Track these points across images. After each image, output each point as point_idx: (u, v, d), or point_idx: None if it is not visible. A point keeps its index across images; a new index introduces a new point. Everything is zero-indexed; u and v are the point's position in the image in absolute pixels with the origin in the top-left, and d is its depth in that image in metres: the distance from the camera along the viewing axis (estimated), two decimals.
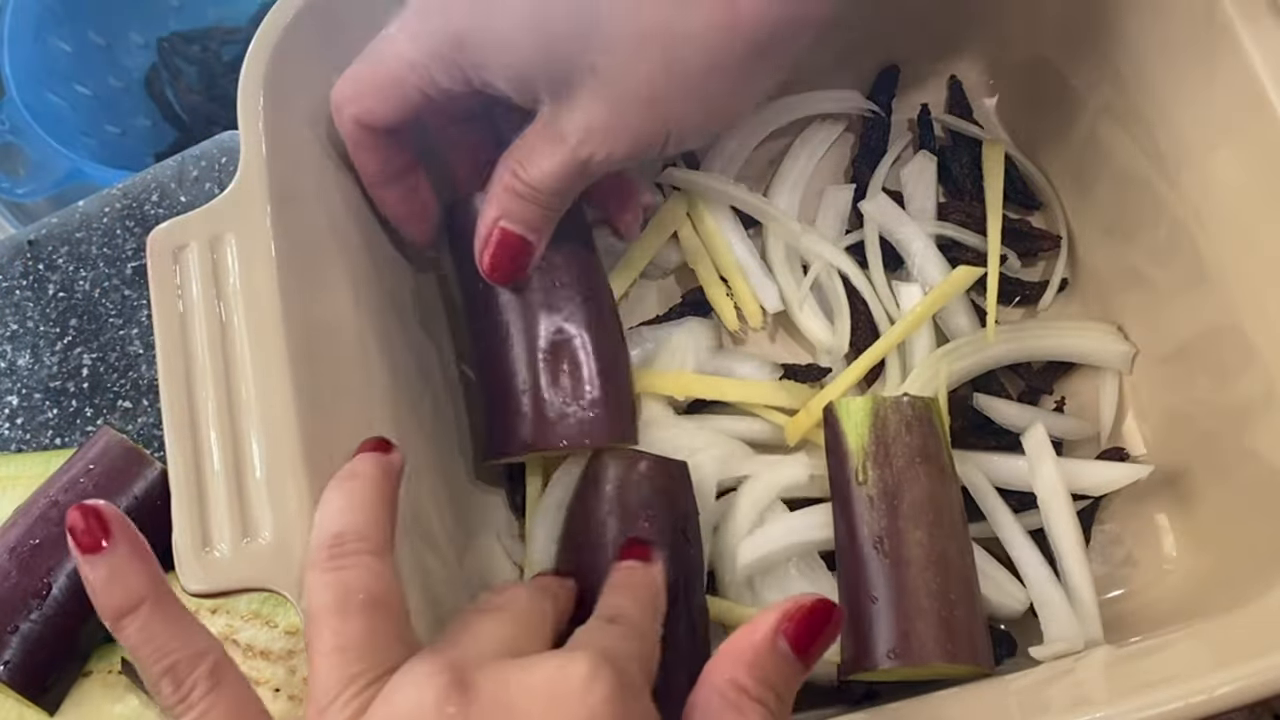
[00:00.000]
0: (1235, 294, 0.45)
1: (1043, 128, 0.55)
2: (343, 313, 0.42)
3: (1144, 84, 0.47)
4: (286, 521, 0.37)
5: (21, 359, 0.54)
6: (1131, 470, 0.48)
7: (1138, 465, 0.49)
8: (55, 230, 0.56)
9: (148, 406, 0.53)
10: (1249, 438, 0.45)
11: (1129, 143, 0.49)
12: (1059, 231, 0.54)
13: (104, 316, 0.54)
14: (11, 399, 0.53)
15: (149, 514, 0.44)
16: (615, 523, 0.43)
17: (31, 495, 0.47)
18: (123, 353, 0.54)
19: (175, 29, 0.88)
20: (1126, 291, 0.52)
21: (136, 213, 0.56)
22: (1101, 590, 0.47)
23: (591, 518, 0.44)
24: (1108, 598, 0.48)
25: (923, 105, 0.57)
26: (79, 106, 0.81)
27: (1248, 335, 0.44)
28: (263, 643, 0.45)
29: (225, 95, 0.88)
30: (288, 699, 0.44)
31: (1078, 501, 0.47)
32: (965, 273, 0.50)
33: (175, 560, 0.37)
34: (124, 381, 0.53)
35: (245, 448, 0.38)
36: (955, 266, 0.51)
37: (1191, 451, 0.48)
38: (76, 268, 0.55)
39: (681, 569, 0.43)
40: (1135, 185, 0.49)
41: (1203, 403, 0.48)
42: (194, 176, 0.56)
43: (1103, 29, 0.49)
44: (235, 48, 0.89)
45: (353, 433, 0.39)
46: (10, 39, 0.75)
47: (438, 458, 0.47)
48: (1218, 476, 0.47)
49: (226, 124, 0.51)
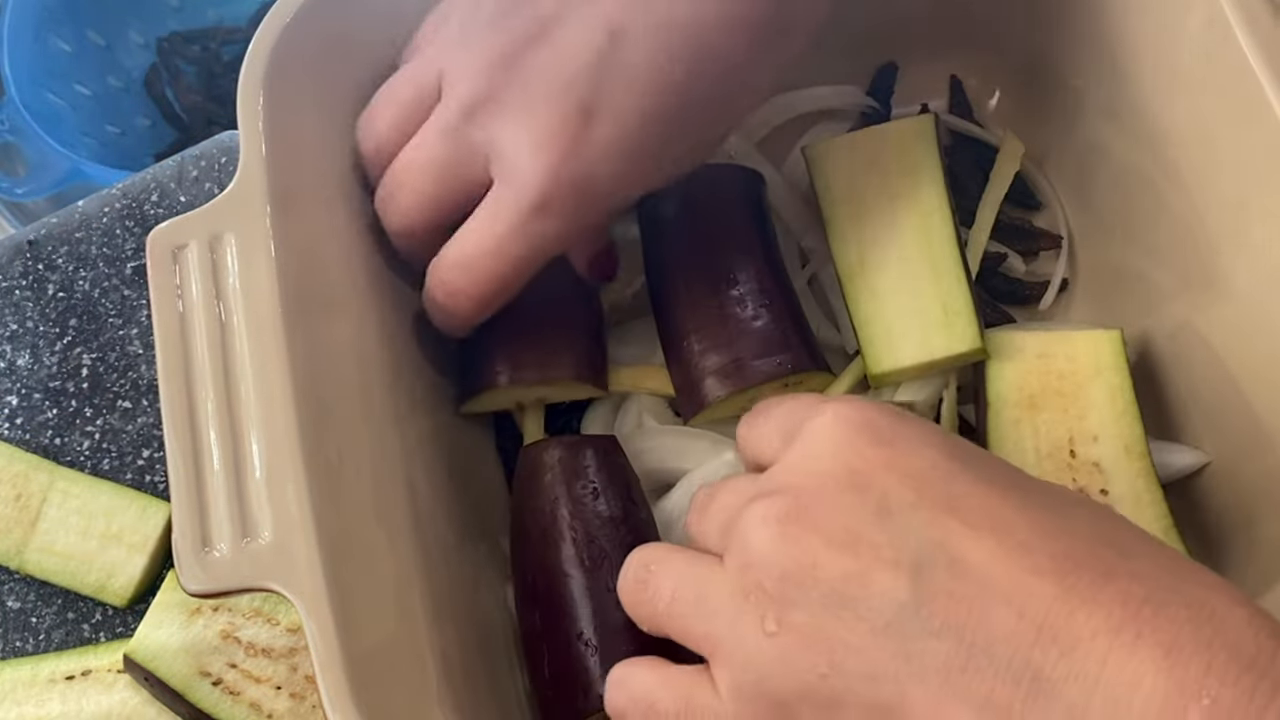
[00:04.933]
0: (1236, 294, 0.45)
1: (1043, 128, 0.55)
2: (343, 312, 0.42)
3: (1144, 84, 0.47)
4: (286, 521, 0.36)
5: (21, 359, 0.54)
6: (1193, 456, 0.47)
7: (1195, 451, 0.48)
8: (55, 230, 0.56)
9: (148, 406, 0.53)
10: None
11: (1129, 143, 0.49)
12: (1059, 231, 0.54)
13: (104, 316, 0.54)
14: (11, 399, 0.53)
15: None
16: (566, 512, 0.43)
17: None
18: (122, 353, 0.54)
19: (175, 29, 0.88)
20: (1126, 291, 0.52)
21: (136, 213, 0.56)
22: None
23: (541, 512, 0.44)
24: None
25: (923, 105, 0.57)
26: (79, 106, 0.81)
27: (1249, 335, 0.44)
28: (264, 640, 0.45)
29: (225, 95, 0.88)
30: (289, 696, 0.44)
31: None
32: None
33: (175, 560, 0.37)
34: (124, 381, 0.53)
35: (245, 448, 0.38)
36: None
37: None
38: (76, 268, 0.55)
39: (636, 533, 0.43)
40: (1135, 185, 0.49)
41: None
42: (194, 176, 0.56)
43: (1103, 28, 0.49)
44: (235, 48, 0.89)
45: (353, 433, 0.39)
46: (10, 39, 0.76)
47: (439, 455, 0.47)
48: (1218, 476, 0.47)
49: (226, 124, 0.51)
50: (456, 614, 0.42)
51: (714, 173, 0.50)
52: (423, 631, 0.40)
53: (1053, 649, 0.26)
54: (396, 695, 0.37)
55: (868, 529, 0.29)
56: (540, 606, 0.42)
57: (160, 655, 0.45)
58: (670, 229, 0.48)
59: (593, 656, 0.40)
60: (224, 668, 0.45)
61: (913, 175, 0.49)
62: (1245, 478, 0.45)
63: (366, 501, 0.40)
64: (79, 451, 0.52)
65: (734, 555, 0.31)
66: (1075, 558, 0.28)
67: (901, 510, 0.29)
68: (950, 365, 0.47)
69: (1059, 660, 0.26)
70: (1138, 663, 0.26)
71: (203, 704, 0.44)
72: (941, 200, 0.48)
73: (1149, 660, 0.26)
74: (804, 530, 0.30)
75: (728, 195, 0.49)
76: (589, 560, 0.42)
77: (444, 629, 0.40)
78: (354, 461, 0.40)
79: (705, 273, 0.47)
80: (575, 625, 0.41)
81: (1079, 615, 0.27)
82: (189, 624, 0.45)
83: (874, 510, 0.29)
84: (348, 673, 0.35)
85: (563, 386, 0.47)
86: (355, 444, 0.40)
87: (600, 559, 0.43)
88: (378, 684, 0.36)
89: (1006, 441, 0.45)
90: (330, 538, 0.37)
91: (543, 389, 0.47)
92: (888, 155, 0.49)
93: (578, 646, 0.41)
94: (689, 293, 0.47)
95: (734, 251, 0.47)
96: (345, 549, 0.37)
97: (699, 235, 0.47)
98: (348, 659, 0.35)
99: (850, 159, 0.49)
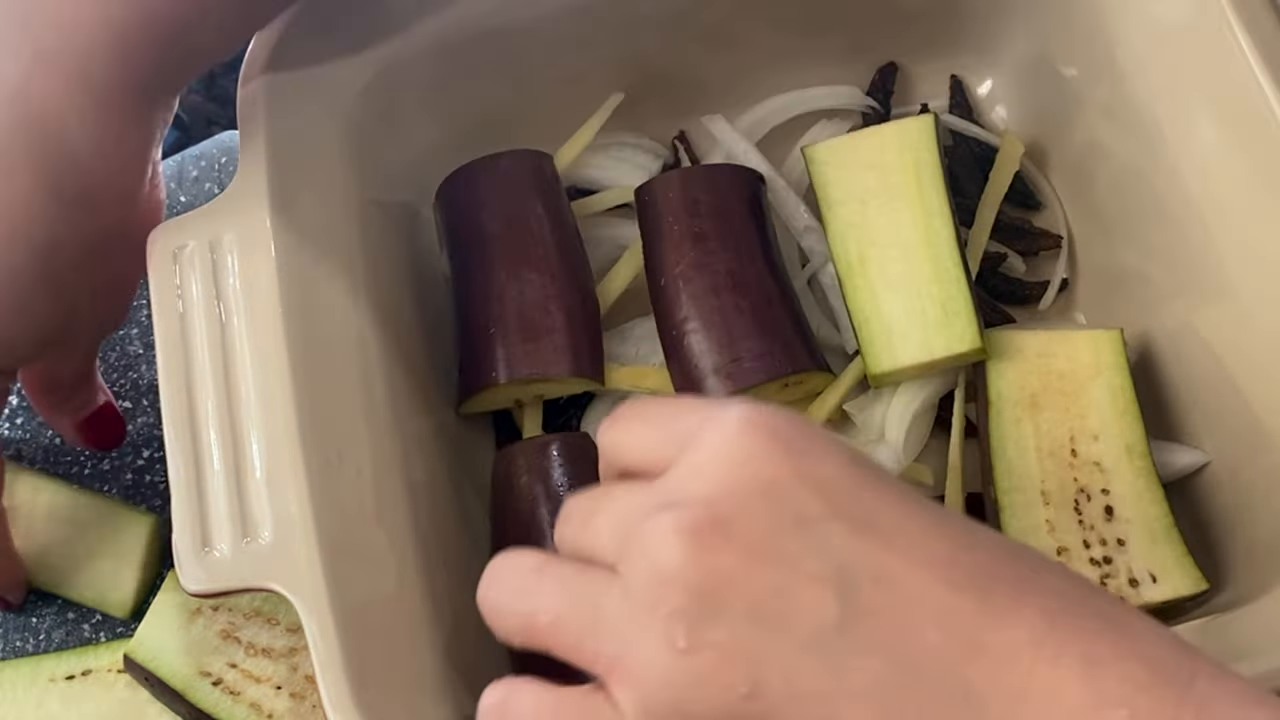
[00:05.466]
0: (1236, 294, 0.45)
1: (1043, 128, 0.55)
2: (343, 312, 0.42)
3: (1144, 83, 0.47)
4: (286, 521, 0.37)
5: None
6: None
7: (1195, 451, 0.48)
8: None
9: (148, 406, 0.53)
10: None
11: (1129, 142, 0.49)
12: (1059, 231, 0.54)
13: None
14: (11, 399, 0.53)
15: None
16: (545, 511, 0.44)
17: None
18: (122, 353, 0.54)
19: None
20: (1126, 291, 0.52)
21: None
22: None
23: (520, 513, 0.44)
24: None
25: (923, 105, 0.57)
26: None
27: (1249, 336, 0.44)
28: (264, 640, 0.45)
29: (225, 95, 0.88)
30: (290, 696, 0.44)
31: None
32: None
33: (175, 560, 0.37)
34: (124, 381, 0.53)
35: (245, 448, 0.38)
36: None
37: None
38: None
39: None
40: (1135, 185, 0.49)
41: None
42: (194, 176, 0.56)
43: (1102, 28, 0.49)
44: None
45: (353, 433, 0.39)
46: None
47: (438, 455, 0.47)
48: (1218, 476, 0.47)
49: (226, 124, 0.51)
50: (456, 614, 0.42)
51: (714, 173, 0.50)
52: (422, 631, 0.40)
53: (982, 664, 0.26)
54: (396, 695, 0.37)
55: (786, 541, 0.28)
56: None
57: (160, 655, 0.45)
58: (670, 228, 0.48)
59: None
60: (224, 668, 0.45)
61: (913, 175, 0.49)
62: (1245, 478, 0.45)
63: (366, 501, 0.40)
64: (79, 451, 0.52)
65: (636, 568, 0.29)
66: (990, 572, 0.28)
67: (818, 521, 0.28)
68: (950, 365, 0.47)
69: (988, 675, 0.26)
70: (1060, 674, 0.26)
71: (203, 704, 0.44)
72: (941, 200, 0.48)
73: (1070, 671, 0.26)
74: (721, 541, 0.28)
75: (728, 195, 0.49)
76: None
77: (444, 628, 0.40)
78: (354, 461, 0.40)
79: (705, 273, 0.47)
80: None
81: (1003, 630, 0.27)
82: (189, 624, 0.45)
83: (791, 521, 0.28)
84: (348, 673, 0.35)
85: (560, 382, 0.47)
86: (355, 444, 0.40)
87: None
88: (378, 684, 0.36)
89: (1008, 440, 0.45)
90: (330, 538, 0.37)
91: (540, 385, 0.47)
92: (888, 155, 0.49)
93: None
94: (689, 292, 0.47)
95: (734, 251, 0.47)
96: (345, 549, 0.37)
97: (699, 235, 0.48)
98: (348, 659, 0.35)
99: (850, 159, 0.50)
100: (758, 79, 0.55)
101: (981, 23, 0.55)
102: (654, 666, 0.28)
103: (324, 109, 0.44)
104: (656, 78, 0.53)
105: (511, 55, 0.50)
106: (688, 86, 0.54)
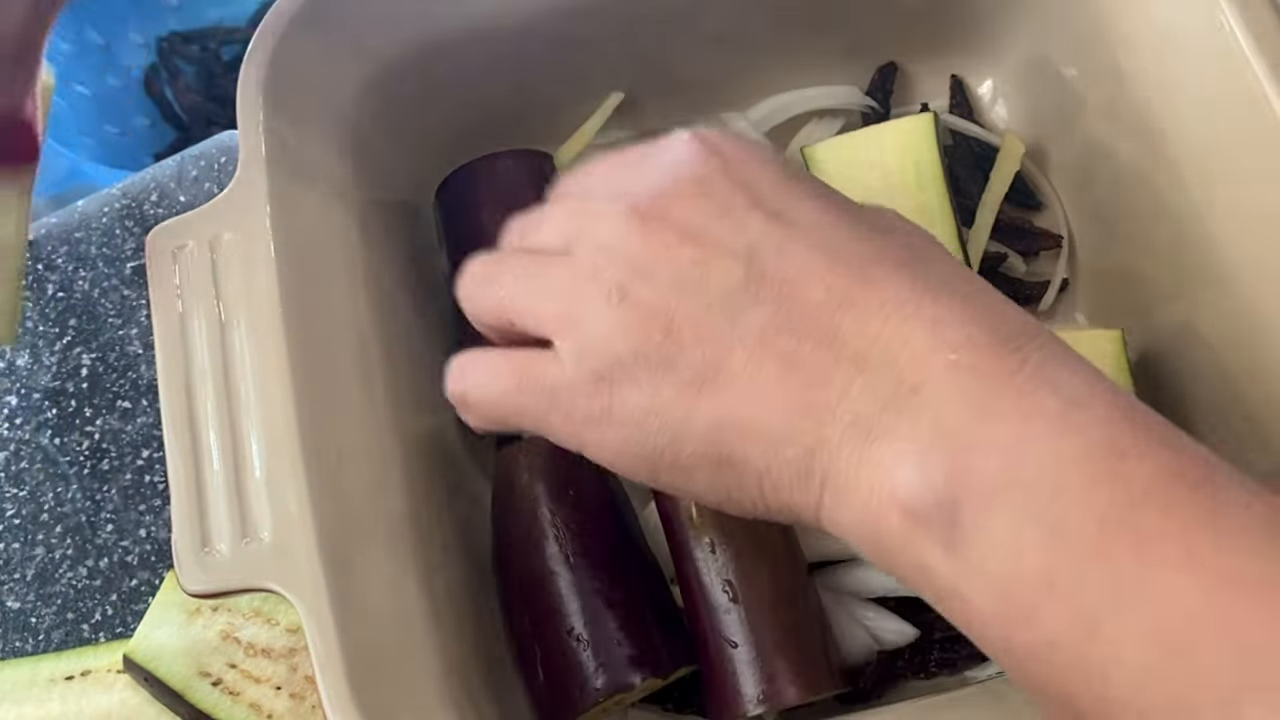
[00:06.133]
0: (1237, 294, 0.45)
1: (1043, 128, 0.55)
2: (343, 312, 0.42)
3: (1144, 84, 0.47)
4: (286, 521, 0.36)
5: (21, 359, 0.54)
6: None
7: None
8: (54, 230, 0.56)
9: (147, 406, 0.53)
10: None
11: (1129, 143, 0.49)
12: (1059, 231, 0.54)
13: (103, 316, 0.54)
14: (11, 399, 0.53)
15: None
16: (547, 510, 0.44)
17: None
18: (122, 353, 0.54)
19: (174, 29, 0.88)
20: (1126, 291, 0.52)
21: (136, 213, 0.56)
22: None
23: (522, 514, 0.44)
24: None
25: (923, 105, 0.57)
26: (78, 106, 0.81)
27: (1249, 336, 0.44)
28: (264, 641, 0.45)
29: (225, 95, 0.88)
30: (289, 696, 0.44)
31: None
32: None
33: (175, 560, 0.37)
34: (123, 381, 0.53)
35: (245, 448, 0.38)
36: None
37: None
38: (76, 268, 0.55)
39: (619, 523, 0.45)
40: (1135, 185, 0.49)
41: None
42: (193, 176, 0.56)
43: (1103, 28, 0.49)
44: (235, 48, 0.89)
45: (353, 433, 0.39)
46: None
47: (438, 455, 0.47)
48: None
49: (226, 124, 0.51)
50: (456, 613, 0.42)
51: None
52: (422, 631, 0.40)
53: (851, 314, 0.31)
54: (396, 695, 0.37)
55: (712, 225, 0.33)
56: (529, 608, 0.43)
57: (160, 655, 0.45)
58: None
59: (585, 651, 0.41)
60: (224, 668, 0.45)
61: (913, 175, 0.49)
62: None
63: (366, 502, 0.40)
64: (78, 452, 0.52)
65: (584, 246, 0.34)
66: (877, 257, 0.33)
67: (741, 210, 0.33)
68: None
69: (852, 323, 0.31)
70: (911, 326, 0.31)
71: (202, 704, 0.44)
72: (942, 200, 0.48)
73: (920, 324, 0.31)
74: (659, 224, 0.33)
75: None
76: (574, 556, 0.43)
77: (443, 628, 0.40)
78: (354, 461, 0.40)
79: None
80: (565, 622, 0.41)
81: (873, 293, 0.32)
82: (189, 624, 0.45)
83: (719, 211, 0.33)
84: (348, 673, 0.35)
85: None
86: (355, 444, 0.40)
87: (585, 554, 0.43)
88: (378, 684, 0.36)
89: None
90: (330, 538, 0.37)
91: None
92: (888, 155, 0.49)
93: (569, 643, 0.41)
94: None
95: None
96: (345, 549, 0.37)
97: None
98: (348, 659, 0.35)
99: (850, 159, 0.49)
100: (758, 78, 0.55)
101: (982, 23, 0.55)
102: (591, 318, 0.33)
103: (324, 109, 0.44)
104: (656, 77, 0.53)
105: (511, 55, 0.50)
106: (688, 86, 0.54)
